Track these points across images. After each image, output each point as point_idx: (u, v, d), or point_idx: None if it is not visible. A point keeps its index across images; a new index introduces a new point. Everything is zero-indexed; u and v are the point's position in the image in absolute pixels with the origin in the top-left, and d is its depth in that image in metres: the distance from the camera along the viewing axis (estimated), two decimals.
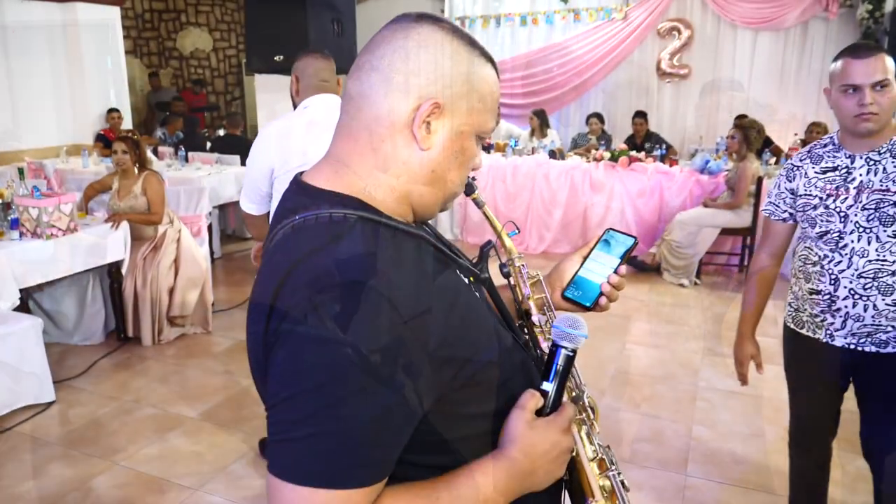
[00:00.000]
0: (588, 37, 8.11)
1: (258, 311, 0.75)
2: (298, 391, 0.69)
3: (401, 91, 0.79)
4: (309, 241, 0.75)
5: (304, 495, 0.69)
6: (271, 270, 0.76)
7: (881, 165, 1.78)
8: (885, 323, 1.84)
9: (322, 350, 0.69)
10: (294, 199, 0.83)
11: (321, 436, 0.69)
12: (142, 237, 4.18)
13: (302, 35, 4.72)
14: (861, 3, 6.75)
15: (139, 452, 2.95)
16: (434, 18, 0.82)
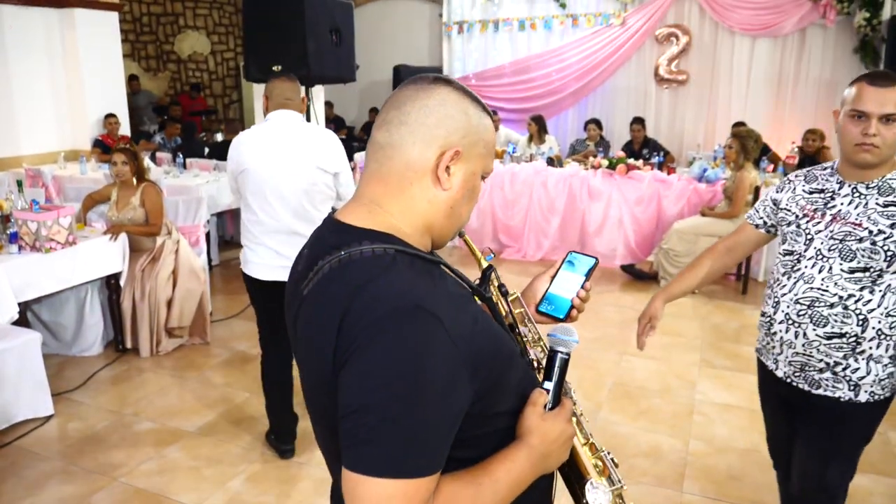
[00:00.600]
0: (586, 42, 8.13)
1: (324, 333, 0.87)
2: (380, 397, 0.82)
3: (426, 141, 0.95)
4: (361, 272, 0.88)
5: (388, 486, 0.81)
6: (330, 298, 0.89)
7: (865, 199, 1.73)
8: (816, 356, 1.78)
9: (398, 362, 0.82)
10: (335, 237, 0.95)
11: (401, 434, 0.82)
12: (140, 249, 4.18)
13: (300, 44, 4.72)
14: (858, 10, 6.76)
15: (138, 468, 2.95)
16: (447, 80, 0.98)
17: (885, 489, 2.82)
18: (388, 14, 9.96)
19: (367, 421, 0.82)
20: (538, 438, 0.97)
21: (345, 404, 0.84)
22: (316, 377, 0.92)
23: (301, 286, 0.97)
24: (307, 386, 0.99)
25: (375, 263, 0.89)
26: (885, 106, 1.65)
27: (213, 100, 11.78)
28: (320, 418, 0.98)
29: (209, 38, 11.51)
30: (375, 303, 0.84)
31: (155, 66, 11.26)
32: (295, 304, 0.99)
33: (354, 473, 0.82)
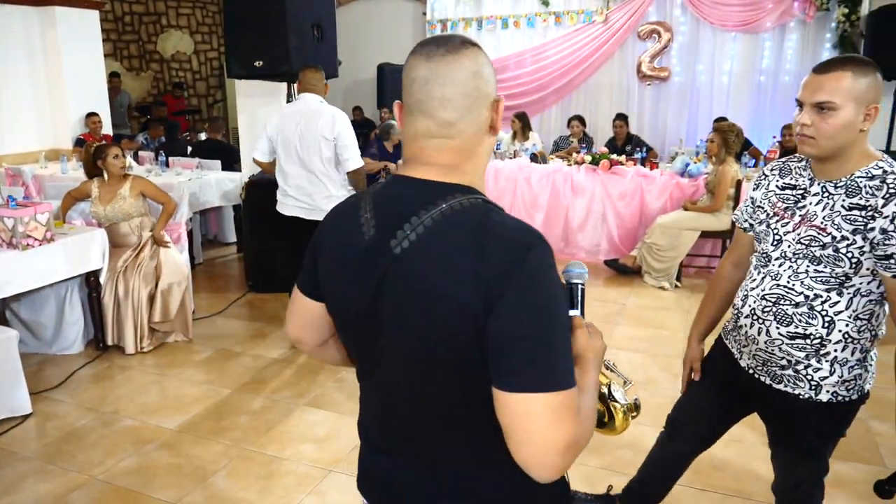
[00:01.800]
0: (569, 39, 8.16)
1: (455, 275, 0.93)
2: (543, 323, 0.91)
3: (484, 103, 1.02)
4: (476, 215, 0.97)
5: (556, 398, 0.91)
6: (457, 241, 0.94)
7: (833, 200, 1.61)
8: (778, 354, 1.73)
9: (550, 289, 0.93)
10: (424, 193, 1.00)
11: (558, 353, 0.93)
12: (123, 244, 4.15)
13: (282, 41, 4.70)
14: (837, 6, 6.83)
15: (117, 466, 2.92)
16: (469, 41, 1.03)
17: (867, 476, 2.84)
18: (372, 13, 9.94)
19: (533, 345, 0.90)
20: (591, 353, 1.09)
21: (508, 334, 0.91)
22: (438, 321, 0.95)
23: (384, 245, 0.99)
24: (409, 339, 1.00)
25: (481, 209, 0.98)
26: (816, 94, 1.54)
27: (197, 99, 11.71)
28: (433, 361, 0.99)
29: (192, 38, 11.44)
30: (511, 237, 0.94)
31: (138, 66, 11.18)
32: (377, 266, 1.00)
33: (524, 393, 0.90)
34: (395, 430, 1.11)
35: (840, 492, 2.73)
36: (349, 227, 1.06)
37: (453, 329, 0.94)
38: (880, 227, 1.50)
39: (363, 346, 1.10)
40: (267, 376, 3.81)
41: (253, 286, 5.30)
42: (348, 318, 1.10)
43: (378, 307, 1.01)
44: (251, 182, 5.15)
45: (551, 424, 0.90)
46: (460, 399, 1.01)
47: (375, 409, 1.15)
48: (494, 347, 0.92)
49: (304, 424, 3.27)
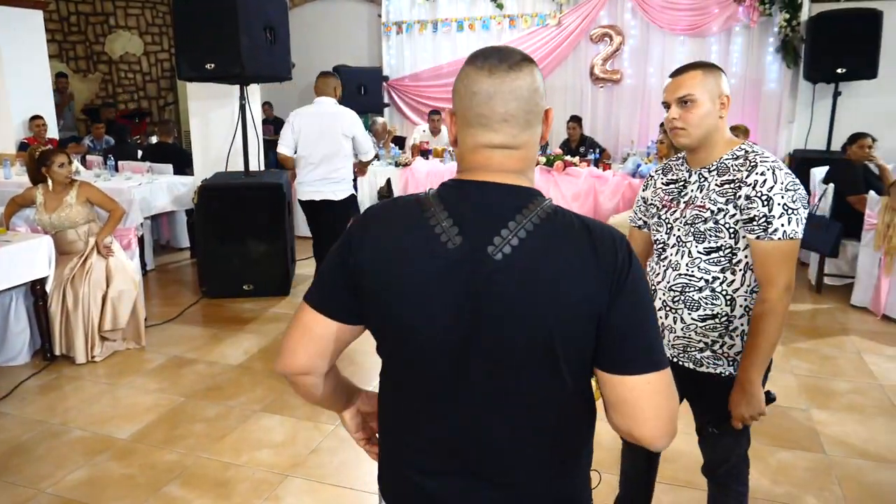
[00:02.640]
0: (523, 42, 8.23)
1: (585, 270, 0.98)
2: (648, 311, 1.02)
3: (539, 118, 1.08)
4: (570, 216, 1.03)
5: (667, 374, 1.02)
6: (570, 241, 1.00)
7: (708, 182, 1.81)
8: (696, 338, 1.87)
9: (645, 277, 1.06)
10: (513, 199, 1.03)
11: (658, 334, 1.05)
12: (70, 251, 4.04)
13: (233, 43, 4.66)
14: (779, 11, 7.06)
15: (66, 478, 2.85)
16: (527, 57, 1.07)
17: (808, 463, 2.96)
18: (327, 15, 9.87)
19: (646, 331, 1.01)
20: None
21: (629, 322, 1.00)
22: (559, 318, 0.98)
23: (478, 252, 1.00)
24: (519, 343, 1.00)
25: (566, 211, 1.04)
26: (677, 91, 1.78)
27: (148, 102, 11.46)
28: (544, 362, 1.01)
29: (142, 39, 11.20)
30: (610, 235, 1.02)
31: (85, 67, 10.89)
32: (476, 275, 1.00)
33: (647, 374, 1.00)
34: (475, 446, 1.07)
35: (784, 478, 2.83)
36: (419, 237, 1.02)
37: (575, 323, 0.99)
38: (745, 194, 1.72)
39: (443, 363, 1.04)
40: (222, 383, 3.76)
41: (207, 291, 5.23)
42: (426, 335, 1.04)
43: (480, 315, 1.00)
44: (204, 186, 5.08)
45: (669, 397, 1.02)
46: (560, 395, 1.05)
47: (444, 431, 1.08)
48: (615, 336, 0.99)
49: (261, 430, 3.24)
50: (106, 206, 4.20)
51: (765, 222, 1.70)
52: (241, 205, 5.02)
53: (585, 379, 1.05)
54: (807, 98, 7.15)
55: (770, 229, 1.69)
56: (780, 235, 1.69)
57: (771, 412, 3.29)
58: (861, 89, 6.95)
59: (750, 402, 1.80)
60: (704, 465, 2.12)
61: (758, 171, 1.72)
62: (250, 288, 5.17)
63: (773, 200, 1.68)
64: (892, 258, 4.66)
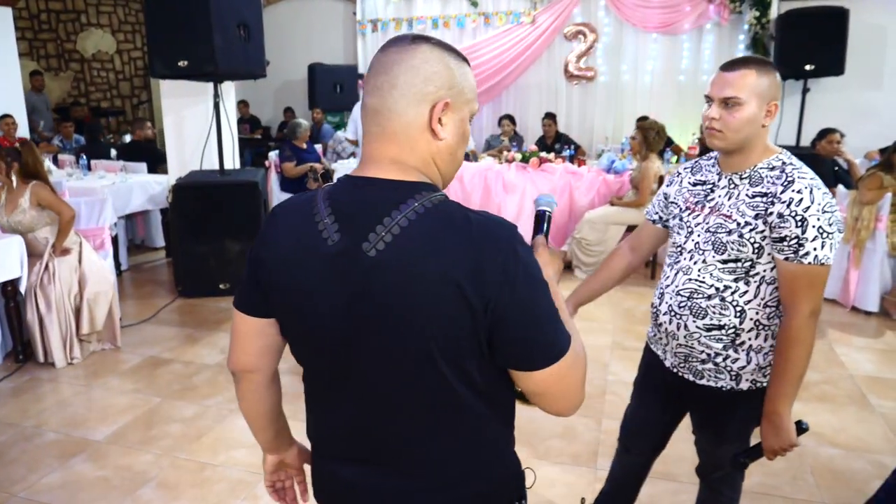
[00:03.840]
0: (498, 40, 8.28)
1: (458, 267, 0.93)
2: (546, 301, 0.98)
3: (418, 100, 1.00)
4: (452, 211, 0.98)
5: (570, 356, 1.01)
6: (445, 238, 0.95)
7: (738, 190, 1.69)
8: (698, 347, 1.78)
9: (538, 269, 0.99)
10: (393, 193, 0.99)
11: (558, 319, 1.01)
12: (32, 253, 3.93)
13: (206, 40, 4.61)
14: (749, 9, 7.18)
15: (40, 482, 2.82)
16: (425, 38, 1.03)
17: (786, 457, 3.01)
18: (302, 13, 9.83)
19: (541, 328, 0.98)
20: (552, 270, 1.19)
21: (518, 322, 0.96)
22: (433, 316, 0.95)
23: (354, 249, 0.97)
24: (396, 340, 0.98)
25: (453, 205, 0.99)
26: (724, 90, 1.63)
27: (121, 100, 11.31)
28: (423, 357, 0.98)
29: (114, 37, 11.05)
30: (496, 230, 0.96)
31: (56, 66, 10.72)
32: (351, 272, 0.98)
33: (549, 367, 0.98)
34: (370, 436, 1.08)
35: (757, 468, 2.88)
36: (305, 234, 1.02)
37: (451, 321, 0.95)
38: (777, 212, 1.59)
39: (330, 358, 1.06)
40: (198, 383, 3.74)
41: (183, 291, 5.18)
42: (313, 330, 1.05)
43: (356, 314, 0.99)
44: (179, 185, 5.03)
45: (574, 377, 1.03)
46: (446, 392, 1.01)
47: (342, 420, 1.10)
48: (509, 335, 0.97)
49: (238, 430, 3.23)
50: (53, 207, 3.93)
51: (796, 244, 1.57)
52: (216, 203, 4.99)
53: (473, 373, 1.01)
54: None
55: (801, 252, 1.57)
56: (810, 259, 1.57)
57: None
58: (829, 85, 7.09)
59: (779, 435, 1.68)
60: (700, 467, 2.08)
61: (794, 188, 1.58)
62: (226, 287, 5.14)
63: (808, 222, 1.55)
64: (861, 251, 4.76)
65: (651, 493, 2.72)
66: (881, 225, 4.69)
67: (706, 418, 1.94)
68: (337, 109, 9.15)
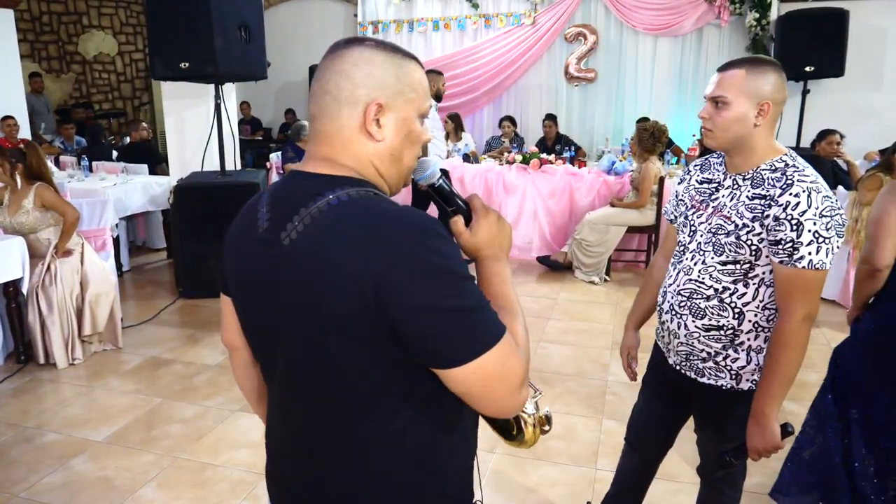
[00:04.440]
0: (499, 41, 8.29)
1: (348, 264, 0.90)
2: (462, 292, 0.91)
3: (350, 104, 1.00)
4: (361, 206, 0.95)
5: (496, 351, 0.92)
6: (343, 232, 0.92)
7: (740, 191, 1.69)
8: (698, 346, 1.79)
9: (447, 260, 0.92)
10: (313, 185, 0.98)
11: (479, 308, 0.93)
12: (34, 254, 3.94)
13: (207, 42, 4.63)
14: (749, 11, 7.18)
15: (40, 482, 2.82)
16: (359, 40, 1.03)
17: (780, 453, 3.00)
18: (303, 14, 9.84)
19: (453, 323, 0.90)
20: (485, 247, 1.10)
21: (422, 324, 0.90)
22: (327, 315, 0.93)
23: (275, 237, 0.97)
24: (301, 334, 0.98)
25: (369, 199, 0.96)
26: (713, 89, 1.66)
27: (122, 102, 11.33)
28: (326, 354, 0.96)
29: (116, 39, 11.07)
30: (396, 225, 0.92)
31: (58, 67, 10.73)
32: (267, 258, 0.99)
33: (466, 365, 0.91)
34: (297, 431, 1.08)
35: (756, 469, 2.89)
36: (248, 221, 1.06)
37: (350, 319, 0.92)
38: (773, 215, 1.58)
39: (262, 344, 1.10)
40: (199, 383, 3.75)
41: (184, 292, 5.19)
42: (247, 315, 1.11)
43: (272, 301, 1.00)
44: (180, 186, 5.04)
45: (501, 376, 0.93)
46: (352, 393, 0.99)
47: (276, 411, 1.13)
48: (412, 334, 0.91)
49: (238, 430, 3.24)
50: (57, 209, 3.96)
51: (791, 248, 1.56)
52: (217, 204, 4.99)
53: (379, 372, 0.96)
54: None
55: (796, 256, 1.56)
56: (805, 264, 1.55)
57: None
58: (829, 87, 7.10)
59: (763, 436, 1.69)
60: (701, 466, 2.08)
61: (792, 191, 1.57)
62: None
63: (804, 226, 1.54)
64: (861, 252, 4.76)
65: (651, 493, 2.71)
66: None
67: (707, 417, 1.94)
68: None
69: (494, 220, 1.12)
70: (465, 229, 1.10)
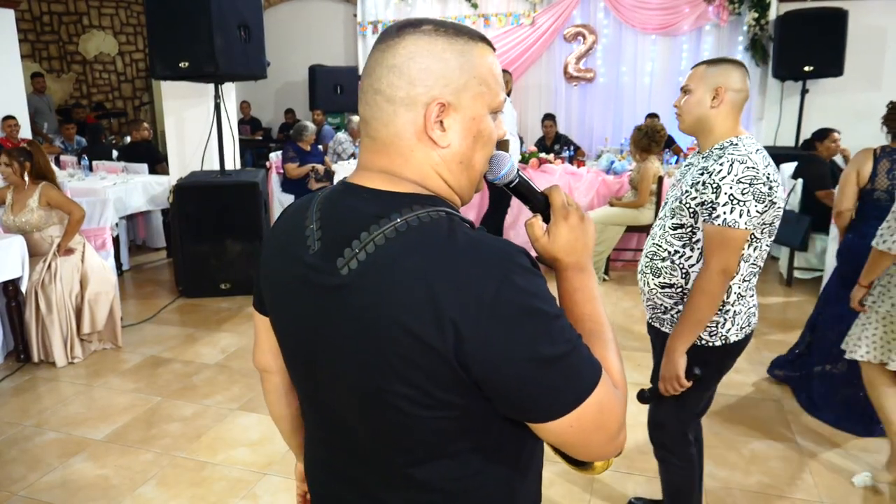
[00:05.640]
0: (498, 41, 8.27)
1: (419, 304, 0.77)
2: (550, 337, 0.78)
3: (406, 105, 0.85)
4: (436, 233, 0.80)
5: (594, 398, 0.81)
6: (413, 265, 0.78)
7: (695, 166, 1.97)
8: (658, 301, 2.05)
9: (536, 300, 0.78)
10: (374, 205, 0.84)
11: (574, 353, 0.80)
12: (36, 253, 3.97)
13: (207, 41, 4.64)
14: (748, 11, 7.19)
15: (40, 480, 2.83)
16: (413, 25, 0.86)
17: (780, 453, 3.02)
18: (302, 14, 9.85)
19: (545, 375, 0.78)
20: (565, 255, 0.95)
21: (510, 374, 0.78)
22: (390, 360, 0.81)
23: (329, 264, 0.84)
24: (354, 375, 0.85)
25: (444, 224, 0.82)
26: (684, 81, 2.00)
27: (123, 102, 11.34)
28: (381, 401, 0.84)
29: (116, 39, 11.08)
30: (488, 252, 0.79)
31: (58, 67, 10.75)
32: (321, 288, 0.86)
33: (562, 418, 0.80)
34: (345, 468, 0.98)
35: (756, 468, 2.90)
36: (294, 237, 0.92)
37: (415, 371, 0.80)
38: (702, 181, 1.86)
39: (305, 376, 0.98)
40: (198, 382, 3.75)
41: (184, 291, 5.20)
42: (288, 342, 0.98)
43: (322, 334, 0.88)
44: (179, 186, 5.05)
45: (598, 425, 0.82)
46: (428, 436, 0.86)
47: (320, 449, 1.04)
48: (501, 392, 0.80)
49: (237, 429, 3.24)
50: (64, 207, 4.01)
51: (710, 208, 1.82)
52: (216, 204, 5.00)
53: (452, 422, 0.85)
54: (775, 95, 7.29)
55: (714, 214, 1.81)
56: (720, 221, 1.80)
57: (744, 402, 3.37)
58: (827, 86, 7.10)
59: (667, 367, 1.95)
60: (648, 429, 2.27)
61: (721, 161, 1.84)
62: (227, 287, 5.16)
63: (721, 189, 1.80)
64: None
65: (648, 493, 2.73)
66: None
67: (659, 367, 2.08)
68: (337, 111, 9.17)
69: (577, 221, 0.95)
70: (544, 234, 0.95)
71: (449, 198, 0.89)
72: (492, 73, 0.88)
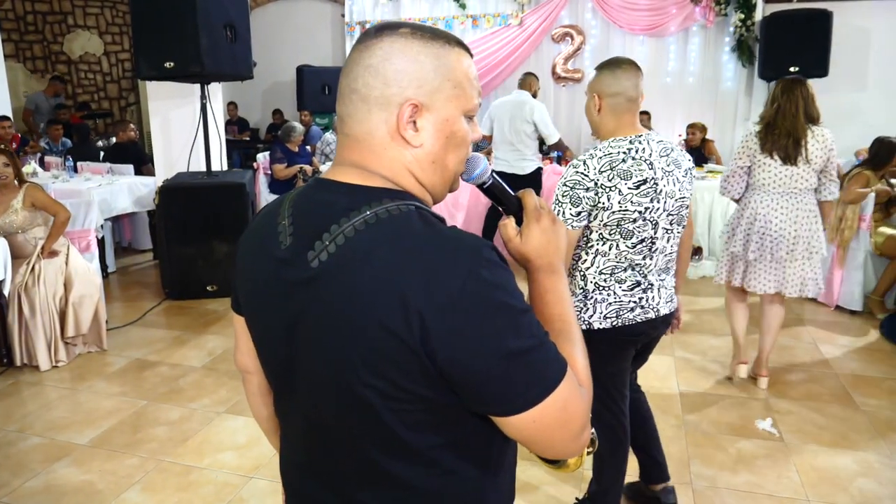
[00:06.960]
0: (486, 42, 8.28)
1: (388, 295, 0.78)
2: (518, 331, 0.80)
3: (380, 105, 0.87)
4: (405, 225, 0.82)
5: (558, 394, 0.82)
6: (382, 257, 0.80)
7: None
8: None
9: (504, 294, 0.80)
10: (346, 199, 0.86)
11: (539, 348, 0.82)
12: (19, 255, 3.91)
13: (193, 41, 4.60)
14: (734, 12, 7.23)
15: (22, 486, 2.79)
16: (391, 27, 0.88)
17: (766, 451, 3.04)
18: (290, 14, 9.80)
19: (510, 368, 0.79)
20: (537, 257, 0.96)
21: (477, 366, 0.79)
22: (359, 351, 0.81)
23: (300, 257, 0.85)
24: (327, 366, 0.86)
25: (413, 217, 0.83)
26: None
27: (109, 102, 11.24)
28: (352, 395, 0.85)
29: (102, 39, 10.97)
30: (447, 251, 0.80)
31: (43, 68, 10.63)
32: (292, 281, 0.87)
33: (526, 412, 0.81)
34: (321, 471, 0.98)
35: (743, 466, 2.91)
36: (267, 234, 0.93)
37: (384, 363, 0.81)
38: None
39: (279, 374, 0.98)
40: (185, 385, 3.72)
41: (170, 293, 5.16)
42: (263, 340, 0.98)
43: (293, 329, 0.88)
44: (165, 187, 5.01)
45: (561, 423, 0.84)
46: (399, 431, 0.86)
47: (296, 437, 1.02)
48: (466, 383, 0.80)
49: (224, 432, 3.22)
50: (49, 209, 3.99)
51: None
52: (203, 205, 4.97)
53: (421, 414, 0.85)
54: (762, 96, 7.32)
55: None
56: None
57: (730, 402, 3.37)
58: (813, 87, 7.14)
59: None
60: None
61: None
62: (214, 289, 5.12)
63: (558, 189, 1.99)
64: (845, 251, 4.80)
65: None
66: (864, 224, 4.73)
67: None
68: (325, 111, 9.13)
69: (549, 224, 0.97)
70: (516, 235, 0.97)
71: (421, 196, 0.91)
72: (467, 77, 0.90)
